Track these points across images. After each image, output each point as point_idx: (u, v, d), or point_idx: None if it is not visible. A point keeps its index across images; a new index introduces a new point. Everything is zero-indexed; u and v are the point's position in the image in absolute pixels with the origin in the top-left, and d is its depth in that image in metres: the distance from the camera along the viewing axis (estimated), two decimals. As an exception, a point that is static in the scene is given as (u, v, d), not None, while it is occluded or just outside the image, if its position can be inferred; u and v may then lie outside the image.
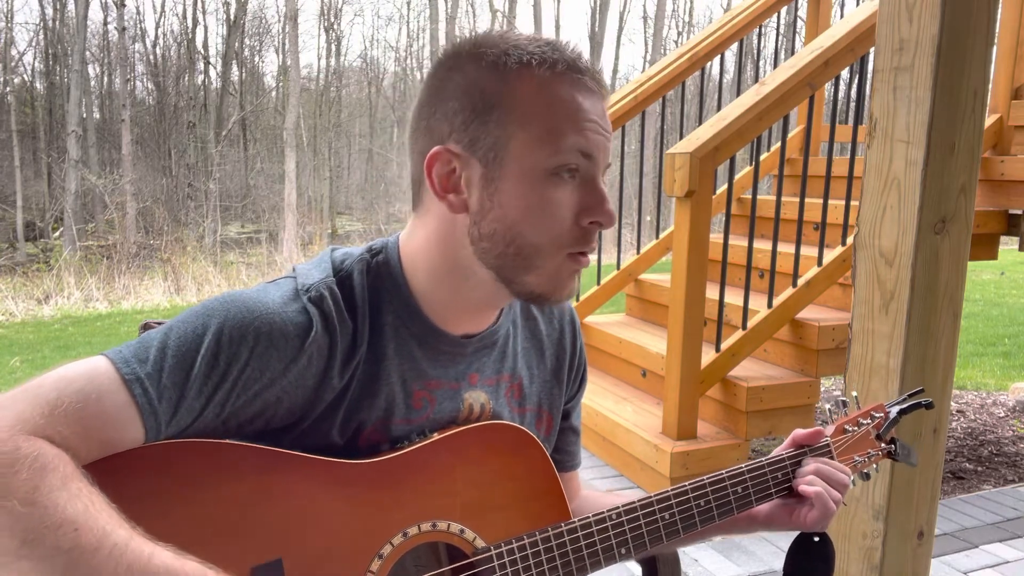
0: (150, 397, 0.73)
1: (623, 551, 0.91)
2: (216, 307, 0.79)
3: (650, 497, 0.94)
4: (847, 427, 1.07)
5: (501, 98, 0.81)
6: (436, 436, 0.87)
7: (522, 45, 0.82)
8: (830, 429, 1.07)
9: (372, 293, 0.87)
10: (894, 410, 1.11)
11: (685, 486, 0.95)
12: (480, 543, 0.86)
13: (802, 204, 3.14)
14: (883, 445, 1.09)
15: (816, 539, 1.02)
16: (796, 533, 1.04)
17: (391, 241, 0.91)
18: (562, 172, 0.81)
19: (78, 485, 0.66)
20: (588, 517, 0.90)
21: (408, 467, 0.84)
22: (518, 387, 0.98)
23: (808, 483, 0.98)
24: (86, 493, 0.66)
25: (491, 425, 0.91)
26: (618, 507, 0.92)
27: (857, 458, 1.07)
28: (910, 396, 1.14)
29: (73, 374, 0.72)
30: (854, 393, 1.16)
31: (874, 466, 1.09)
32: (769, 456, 1.02)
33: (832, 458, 1.04)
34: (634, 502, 0.93)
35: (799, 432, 1.04)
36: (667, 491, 0.95)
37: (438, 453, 0.86)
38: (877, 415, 1.09)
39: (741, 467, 0.99)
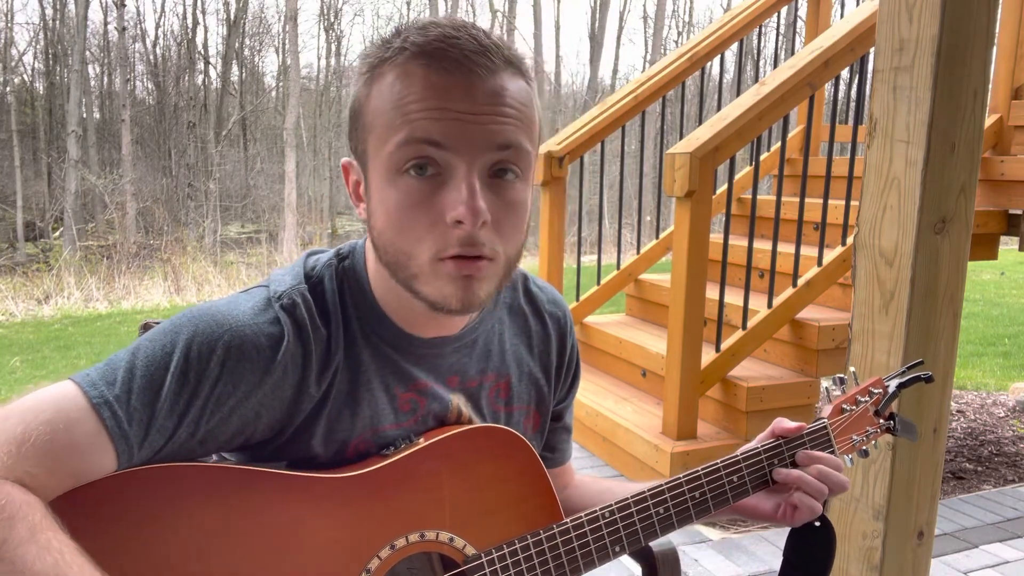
0: (119, 420, 0.70)
1: (617, 548, 0.89)
2: (184, 323, 0.76)
3: (643, 492, 0.92)
4: (845, 406, 1.03)
5: (362, 104, 0.78)
6: (422, 442, 0.85)
7: (387, 43, 0.77)
8: (827, 409, 1.03)
9: (341, 298, 0.85)
10: (893, 384, 1.06)
11: (679, 478, 0.94)
12: (470, 550, 0.84)
13: (802, 204, 3.14)
14: (882, 421, 1.05)
15: (817, 524, 0.98)
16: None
17: (359, 245, 0.89)
18: (411, 168, 0.74)
19: (47, 536, 0.64)
20: (580, 516, 0.88)
21: (394, 477, 0.82)
22: (505, 386, 0.96)
23: (804, 485, 0.94)
24: (56, 544, 0.64)
25: (478, 429, 0.88)
26: (610, 504, 0.90)
27: (855, 437, 1.02)
28: (909, 369, 1.08)
29: (40, 404, 0.70)
30: (852, 369, 1.11)
31: (873, 443, 1.05)
32: (764, 444, 0.99)
33: (832, 445, 1.00)
34: (627, 498, 0.91)
35: (784, 424, 1.00)
36: (661, 484, 0.92)
37: (424, 460, 0.84)
38: (876, 391, 1.05)
39: (736, 455, 0.98)
